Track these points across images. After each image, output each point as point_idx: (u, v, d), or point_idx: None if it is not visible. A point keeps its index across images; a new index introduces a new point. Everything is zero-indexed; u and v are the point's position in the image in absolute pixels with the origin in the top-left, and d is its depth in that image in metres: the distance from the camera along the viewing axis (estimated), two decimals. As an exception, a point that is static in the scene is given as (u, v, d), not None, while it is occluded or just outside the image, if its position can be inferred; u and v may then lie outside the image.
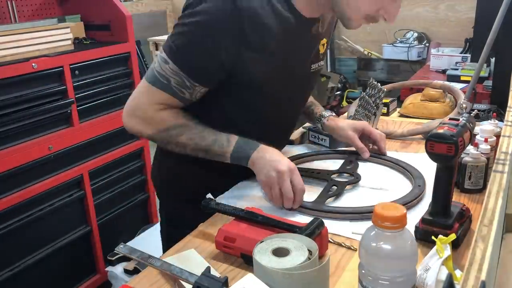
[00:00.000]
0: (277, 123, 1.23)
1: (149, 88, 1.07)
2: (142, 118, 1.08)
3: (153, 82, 1.06)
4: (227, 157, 1.07)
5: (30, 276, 1.97)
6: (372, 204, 1.02)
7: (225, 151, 1.06)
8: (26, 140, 1.91)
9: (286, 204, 1.03)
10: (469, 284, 0.41)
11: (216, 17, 0.97)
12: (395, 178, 1.21)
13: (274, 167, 1.02)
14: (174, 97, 1.06)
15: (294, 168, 1.04)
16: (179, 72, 1.03)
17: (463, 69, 2.68)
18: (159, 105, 1.07)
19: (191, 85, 1.05)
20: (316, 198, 1.08)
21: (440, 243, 0.75)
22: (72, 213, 2.15)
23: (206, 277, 0.72)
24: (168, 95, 1.06)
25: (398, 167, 1.24)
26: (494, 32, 1.36)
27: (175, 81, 1.04)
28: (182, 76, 1.03)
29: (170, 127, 1.07)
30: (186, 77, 1.03)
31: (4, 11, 2.28)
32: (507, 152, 0.72)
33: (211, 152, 1.07)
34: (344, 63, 4.76)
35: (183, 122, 1.08)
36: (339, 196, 1.11)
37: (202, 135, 1.07)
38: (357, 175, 1.18)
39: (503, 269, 0.63)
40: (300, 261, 0.72)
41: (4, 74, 1.80)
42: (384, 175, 1.23)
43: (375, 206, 0.66)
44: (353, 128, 1.28)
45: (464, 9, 3.95)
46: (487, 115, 1.51)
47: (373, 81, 1.51)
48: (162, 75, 1.04)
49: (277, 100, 1.16)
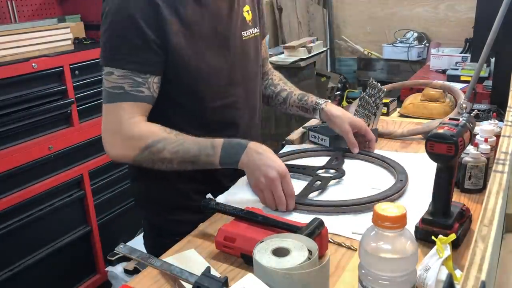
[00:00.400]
0: (234, 104, 1.20)
1: (110, 108, 1.04)
2: (121, 140, 1.04)
3: (110, 100, 1.04)
4: (216, 165, 1.05)
5: (30, 276, 1.97)
6: (354, 198, 1.06)
7: (212, 160, 1.04)
8: (26, 140, 1.92)
9: (280, 208, 1.03)
10: (469, 284, 0.41)
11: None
12: (379, 173, 1.24)
13: (265, 173, 1.01)
14: (136, 101, 1.03)
15: (284, 172, 1.02)
16: (126, 73, 1.02)
17: (463, 69, 2.68)
18: (130, 119, 1.03)
19: (143, 79, 1.03)
20: (299, 192, 1.10)
21: (440, 243, 0.75)
22: (72, 213, 2.15)
23: (206, 277, 0.72)
24: (130, 103, 1.03)
25: (383, 163, 1.26)
26: (494, 32, 1.36)
27: (128, 85, 1.02)
28: (130, 76, 1.02)
29: (150, 143, 1.03)
30: (134, 74, 1.02)
31: (4, 11, 2.28)
32: (507, 152, 0.72)
33: (199, 162, 1.04)
34: (344, 63, 4.76)
35: (162, 136, 1.04)
36: (323, 191, 1.13)
37: (185, 147, 1.03)
38: (341, 170, 1.21)
39: (503, 269, 0.63)
40: (300, 261, 0.72)
41: (4, 74, 1.80)
42: (369, 171, 1.25)
43: (375, 206, 0.66)
44: (350, 122, 1.29)
45: (464, 9, 3.96)
46: (487, 115, 1.51)
47: (373, 81, 1.51)
48: (114, 87, 1.02)
49: (220, 74, 1.14)
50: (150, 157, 1.04)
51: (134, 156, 1.05)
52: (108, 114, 1.05)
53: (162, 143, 1.03)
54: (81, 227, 2.20)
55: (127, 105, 1.03)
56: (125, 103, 1.03)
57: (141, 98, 1.04)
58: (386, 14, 4.37)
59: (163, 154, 1.03)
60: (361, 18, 4.50)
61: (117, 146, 1.05)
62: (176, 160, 1.04)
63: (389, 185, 1.13)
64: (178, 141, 1.04)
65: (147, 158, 1.04)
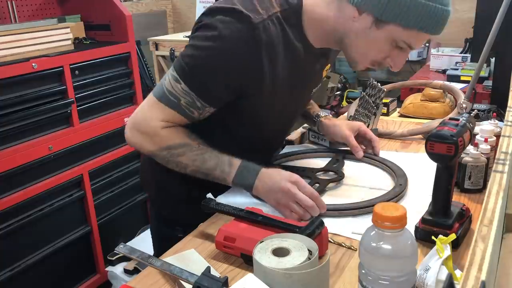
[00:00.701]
0: (273, 136, 1.26)
1: (157, 104, 1.04)
2: (146, 133, 1.06)
3: (162, 99, 1.04)
4: (228, 183, 1.06)
5: (30, 276, 1.97)
6: (353, 201, 1.06)
7: (226, 177, 1.05)
8: (26, 140, 1.91)
9: (313, 212, 1.00)
10: (469, 284, 0.41)
11: (233, 45, 0.96)
12: (379, 176, 1.23)
13: (278, 189, 1.01)
14: (182, 115, 1.04)
15: (296, 178, 1.02)
16: (190, 93, 1.01)
17: (463, 69, 2.68)
18: (165, 122, 1.04)
19: (201, 105, 1.03)
20: None
21: (440, 243, 0.75)
22: (72, 213, 2.15)
23: (206, 277, 0.72)
24: (175, 113, 1.03)
25: (383, 166, 1.26)
26: (494, 32, 1.36)
27: (185, 101, 1.02)
28: (193, 97, 1.01)
29: (173, 145, 1.05)
30: (198, 99, 1.01)
31: (4, 11, 2.28)
32: (507, 152, 0.72)
33: (212, 175, 1.05)
34: (344, 63, 4.75)
35: (186, 141, 1.05)
36: (321, 193, 1.12)
37: (204, 158, 1.04)
38: (341, 173, 1.20)
39: (503, 269, 0.63)
40: (300, 261, 0.72)
41: (4, 74, 1.80)
42: (369, 174, 1.25)
43: (375, 206, 0.66)
44: (349, 127, 1.30)
45: (464, 9, 3.95)
46: (487, 115, 1.51)
47: (373, 81, 1.51)
48: (172, 93, 1.02)
49: (277, 118, 1.17)
50: (166, 157, 1.06)
51: (150, 151, 1.07)
52: (149, 106, 1.05)
53: (182, 148, 1.05)
54: (81, 227, 2.20)
55: (171, 112, 1.03)
56: (171, 111, 1.03)
57: (188, 116, 1.04)
58: (386, 14, 4.36)
59: (180, 159, 1.05)
60: (361, 18, 4.50)
61: (138, 134, 1.07)
62: (191, 168, 1.05)
63: (388, 187, 1.12)
64: (200, 150, 1.05)
65: (163, 157, 1.06)
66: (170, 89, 1.02)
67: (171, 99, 1.03)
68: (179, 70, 1.01)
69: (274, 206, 1.04)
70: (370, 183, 1.18)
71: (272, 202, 1.04)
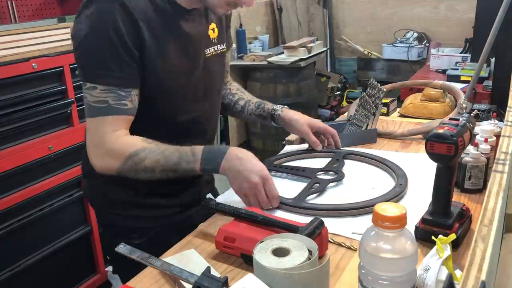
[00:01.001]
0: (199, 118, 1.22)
1: (94, 122, 1.04)
2: (105, 152, 1.05)
3: (95, 113, 1.04)
4: (197, 171, 1.06)
5: (30, 276, 1.97)
6: (353, 201, 1.06)
7: (193, 166, 1.05)
8: (26, 140, 1.91)
9: (265, 207, 1.06)
10: (469, 284, 0.41)
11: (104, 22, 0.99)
12: (379, 176, 1.23)
13: (247, 179, 1.03)
14: (120, 114, 1.04)
15: (266, 176, 1.04)
16: (110, 88, 1.02)
17: (463, 69, 2.68)
18: (113, 132, 1.04)
19: (126, 93, 1.04)
20: (297, 195, 1.10)
21: (440, 243, 0.75)
22: (72, 213, 2.15)
23: (206, 277, 0.72)
24: (114, 116, 1.04)
25: (383, 166, 1.26)
26: (494, 32, 1.36)
27: (111, 99, 1.03)
28: (113, 90, 1.02)
29: (133, 153, 1.04)
30: (118, 88, 1.03)
31: (4, 11, 2.28)
32: (507, 152, 0.72)
33: (180, 170, 1.05)
34: (344, 63, 4.76)
35: (143, 145, 1.05)
36: (321, 193, 1.12)
37: (166, 155, 1.05)
38: (341, 173, 1.21)
39: (503, 269, 0.63)
40: (300, 261, 0.72)
41: (4, 74, 1.80)
42: (369, 174, 1.25)
43: (375, 206, 0.66)
44: (308, 123, 1.33)
45: (464, 9, 3.96)
46: (487, 115, 1.51)
47: (373, 81, 1.51)
48: (97, 101, 1.03)
49: (184, 92, 1.16)
50: (132, 167, 1.05)
51: (117, 167, 1.05)
52: (92, 128, 1.06)
53: (143, 152, 1.04)
54: (81, 227, 2.20)
55: (110, 118, 1.04)
56: (108, 117, 1.03)
57: (124, 111, 1.05)
58: (386, 14, 4.38)
59: (145, 163, 1.04)
60: (361, 18, 4.51)
61: (101, 158, 1.06)
62: (158, 169, 1.05)
63: (388, 187, 1.12)
64: (159, 150, 1.05)
65: (130, 169, 1.05)
66: (93, 100, 1.03)
67: (101, 107, 1.03)
68: (85, 78, 1.03)
69: (235, 189, 1.07)
70: (370, 183, 1.18)
71: (234, 186, 1.06)
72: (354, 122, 1.49)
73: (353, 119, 1.50)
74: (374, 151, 1.36)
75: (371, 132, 1.47)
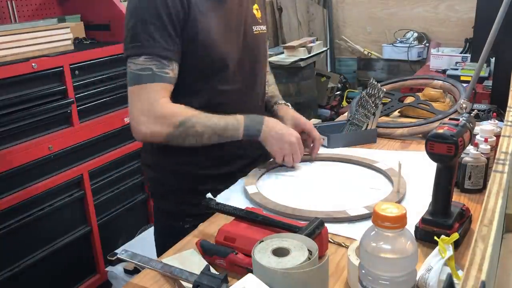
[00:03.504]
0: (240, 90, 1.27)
1: (140, 89, 1.10)
2: (153, 118, 1.10)
3: (139, 81, 1.09)
4: (239, 136, 1.16)
5: (30, 276, 1.97)
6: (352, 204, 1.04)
7: (238, 131, 1.15)
8: (26, 140, 1.92)
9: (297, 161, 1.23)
10: (469, 284, 0.41)
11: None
12: (379, 176, 1.23)
13: (287, 140, 1.18)
14: (163, 82, 1.10)
15: (298, 135, 1.21)
16: (153, 57, 1.08)
17: (463, 69, 2.68)
18: (160, 98, 1.10)
19: (168, 62, 1.10)
20: None
21: (443, 243, 0.75)
22: (72, 213, 2.15)
23: (206, 275, 0.73)
24: (158, 84, 1.10)
25: (381, 171, 1.24)
26: (494, 32, 1.36)
27: (156, 67, 1.09)
28: (157, 59, 1.09)
29: (184, 120, 1.11)
30: (161, 57, 1.09)
31: (4, 11, 2.28)
32: (507, 152, 0.72)
33: (225, 134, 1.14)
34: (344, 63, 4.76)
35: (192, 113, 1.12)
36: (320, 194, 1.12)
37: (214, 121, 1.13)
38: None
39: (503, 269, 0.63)
40: (300, 261, 0.72)
41: (4, 74, 1.80)
42: (369, 174, 1.25)
43: (375, 206, 0.66)
44: (294, 123, 1.34)
45: (464, 9, 3.95)
46: (487, 115, 1.51)
47: (373, 81, 1.51)
48: (142, 69, 1.09)
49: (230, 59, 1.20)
50: (184, 132, 1.11)
51: (167, 133, 1.12)
52: (138, 95, 1.11)
53: (194, 118, 1.12)
54: (81, 227, 2.20)
55: (156, 85, 1.10)
56: (154, 84, 1.10)
57: (167, 80, 1.12)
58: (386, 14, 4.38)
59: (196, 129, 1.12)
60: (361, 18, 4.50)
61: (151, 124, 1.11)
62: (207, 133, 1.13)
63: (388, 187, 1.12)
64: (207, 117, 1.13)
65: (180, 134, 1.12)
66: (137, 68, 1.09)
67: (146, 74, 1.09)
68: (129, 47, 1.10)
69: (276, 151, 1.19)
70: (370, 183, 1.18)
71: (276, 148, 1.19)
72: (354, 122, 1.50)
73: (352, 119, 1.50)
74: (374, 151, 1.36)
75: (371, 132, 1.47)
